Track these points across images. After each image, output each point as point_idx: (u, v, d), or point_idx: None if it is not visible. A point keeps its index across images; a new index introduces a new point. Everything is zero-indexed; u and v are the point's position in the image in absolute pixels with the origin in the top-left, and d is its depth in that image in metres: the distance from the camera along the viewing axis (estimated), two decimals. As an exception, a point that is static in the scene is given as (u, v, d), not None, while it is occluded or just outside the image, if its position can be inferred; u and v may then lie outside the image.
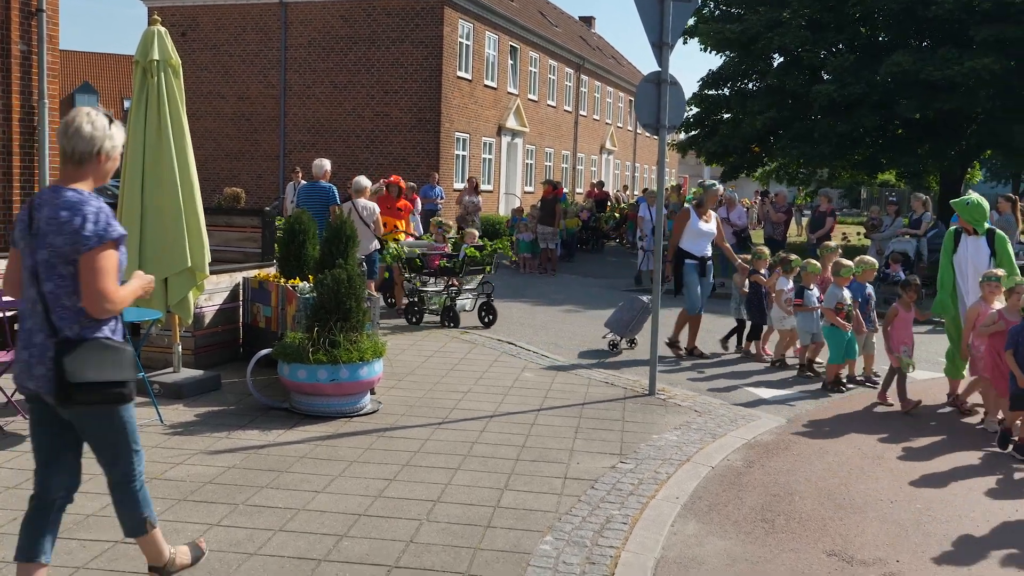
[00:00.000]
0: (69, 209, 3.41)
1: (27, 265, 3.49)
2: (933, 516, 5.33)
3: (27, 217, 3.50)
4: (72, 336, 3.45)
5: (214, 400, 7.17)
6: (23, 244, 3.51)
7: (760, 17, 22.12)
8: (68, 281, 3.44)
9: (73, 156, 3.51)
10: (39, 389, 3.49)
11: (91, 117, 3.54)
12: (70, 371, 3.37)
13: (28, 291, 3.51)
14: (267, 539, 4.50)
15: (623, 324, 10.07)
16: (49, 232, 3.42)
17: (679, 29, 8.03)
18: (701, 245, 9.97)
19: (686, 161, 44.52)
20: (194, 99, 26.37)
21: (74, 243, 3.38)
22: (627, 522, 4.93)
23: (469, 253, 11.35)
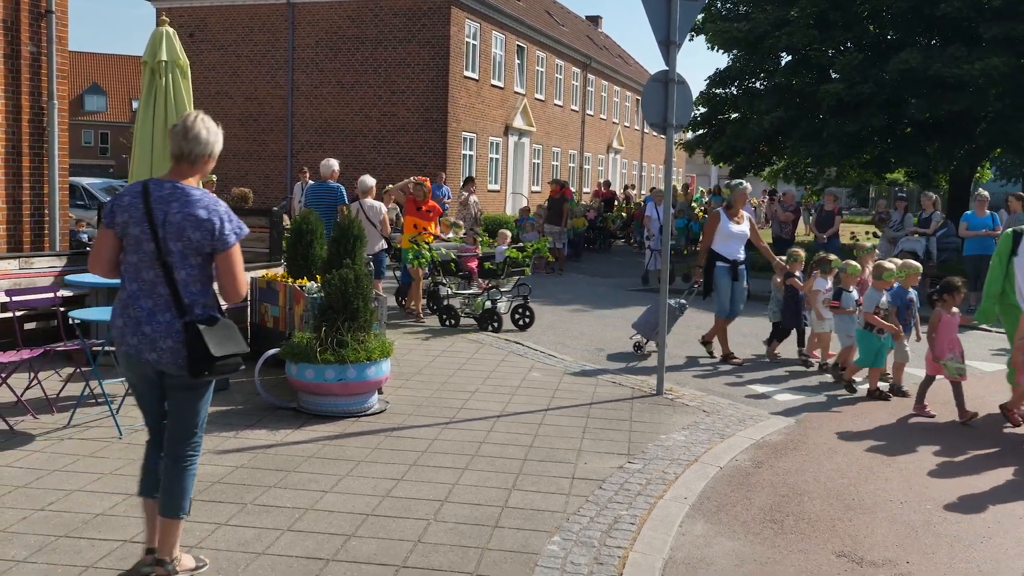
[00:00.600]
0: (206, 209, 3.84)
1: (147, 253, 3.82)
2: (943, 517, 5.31)
3: (143, 206, 3.81)
4: (200, 316, 3.86)
5: (222, 400, 7.17)
6: (137, 231, 3.82)
7: (767, 15, 22.05)
8: (197, 270, 3.87)
9: (189, 157, 3.91)
10: (159, 361, 3.84)
11: (206, 123, 3.97)
12: (212, 345, 3.80)
13: (144, 273, 3.85)
14: (275, 539, 4.51)
15: (651, 326, 9.75)
16: (187, 227, 3.80)
17: (686, 28, 8.01)
18: (733, 247, 9.66)
19: (693, 160, 44.45)
20: (202, 99, 26.47)
21: (212, 240, 3.83)
22: (635, 522, 4.92)
23: (510, 255, 11.16)
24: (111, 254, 3.93)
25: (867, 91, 19.81)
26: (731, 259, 9.63)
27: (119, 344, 3.93)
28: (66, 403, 6.77)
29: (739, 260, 9.70)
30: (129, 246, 3.88)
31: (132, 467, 5.48)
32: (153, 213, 3.81)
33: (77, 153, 57.67)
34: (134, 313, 3.86)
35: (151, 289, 3.85)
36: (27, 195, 10.06)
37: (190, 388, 3.95)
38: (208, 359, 3.81)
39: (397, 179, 21.77)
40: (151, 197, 3.84)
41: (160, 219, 3.81)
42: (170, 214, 3.81)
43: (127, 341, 3.88)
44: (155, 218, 3.81)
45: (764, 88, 24.10)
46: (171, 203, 3.83)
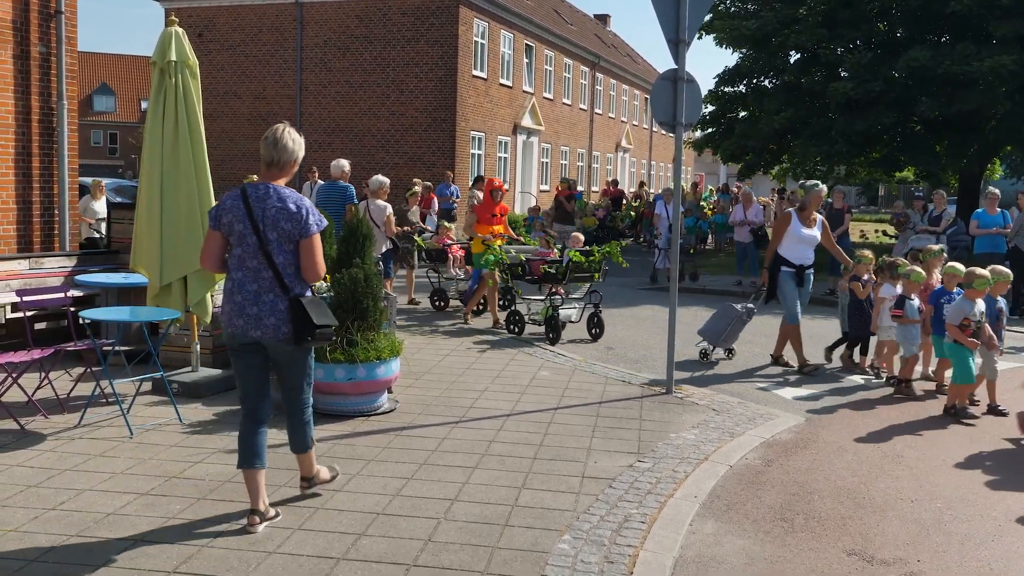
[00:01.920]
0: (295, 203, 4.55)
1: (250, 245, 4.53)
2: (954, 515, 5.29)
3: (243, 206, 4.54)
4: (299, 294, 4.58)
5: (232, 399, 7.19)
6: (240, 228, 4.53)
7: (776, 13, 21.99)
8: (291, 256, 4.58)
9: (278, 163, 4.64)
10: (263, 336, 4.56)
11: (291, 134, 4.67)
12: (313, 316, 4.53)
13: (249, 262, 4.55)
14: (286, 537, 4.52)
15: (716, 333, 9.54)
16: (280, 220, 4.52)
17: (696, 26, 7.99)
18: (801, 252, 9.18)
19: (702, 159, 44.34)
20: (210, 99, 26.54)
21: (300, 229, 4.53)
22: (645, 521, 4.91)
23: (574, 258, 10.36)
24: (219, 251, 4.66)
25: (876, 89, 19.74)
26: (798, 264, 9.16)
27: (226, 326, 4.63)
28: (77, 403, 6.80)
29: (806, 265, 9.22)
30: (234, 241, 4.58)
31: (143, 467, 5.51)
32: (253, 211, 4.53)
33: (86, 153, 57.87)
34: (239, 299, 4.57)
35: (256, 275, 4.55)
36: (37, 195, 10.10)
37: (291, 356, 4.69)
38: (311, 327, 4.53)
39: (406, 179, 21.82)
40: (250, 198, 4.56)
41: (259, 215, 4.52)
42: (267, 210, 4.52)
43: (233, 323, 4.59)
44: (255, 215, 4.52)
45: (773, 86, 24.04)
46: (266, 201, 4.54)
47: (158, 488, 5.16)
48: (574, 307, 10.76)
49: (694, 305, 9.95)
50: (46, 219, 10.24)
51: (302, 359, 4.78)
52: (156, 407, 6.88)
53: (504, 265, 10.79)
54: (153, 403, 6.98)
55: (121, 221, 9.31)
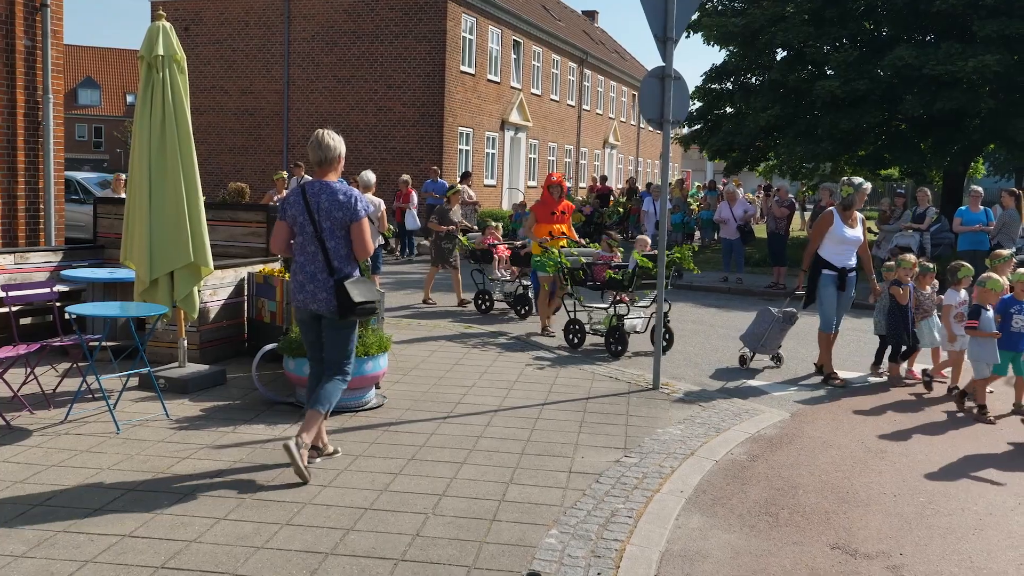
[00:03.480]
0: (344, 194, 5.32)
1: (308, 233, 5.34)
2: (936, 509, 5.35)
3: (302, 200, 5.34)
4: (346, 274, 5.34)
5: (219, 395, 7.19)
6: (302, 218, 5.34)
7: (763, 11, 22.06)
8: (343, 242, 5.35)
9: (326, 160, 5.40)
10: (319, 309, 5.36)
11: (330, 135, 5.44)
12: (353, 295, 5.28)
13: (308, 248, 5.36)
14: (274, 533, 4.53)
15: (756, 337, 9.12)
16: (333, 210, 5.29)
17: (683, 23, 8.02)
18: (844, 254, 8.60)
19: (689, 155, 44.47)
20: (198, 93, 26.43)
21: (350, 215, 5.29)
22: (632, 516, 4.95)
23: (641, 263, 9.55)
24: (286, 238, 5.50)
25: (862, 88, 19.84)
26: (840, 267, 8.59)
27: (292, 299, 5.53)
28: (63, 399, 6.79)
29: (848, 267, 8.63)
30: (297, 230, 5.41)
31: (130, 463, 5.51)
32: (310, 204, 5.32)
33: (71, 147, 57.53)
34: (300, 278, 5.39)
35: (313, 258, 5.35)
36: (22, 190, 10.06)
37: (340, 327, 5.43)
38: (351, 305, 5.27)
39: (395, 173, 21.79)
40: (307, 193, 5.34)
41: (315, 207, 5.31)
42: (321, 203, 5.30)
43: (296, 297, 5.46)
44: (311, 207, 5.31)
45: (759, 84, 24.13)
46: (321, 195, 5.32)
47: (145, 483, 5.16)
48: (640, 316, 10.04)
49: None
50: (31, 213, 10.20)
51: (346, 331, 5.49)
52: (143, 403, 6.87)
53: (564, 270, 10.02)
54: (140, 399, 6.98)
55: (108, 216, 9.29)
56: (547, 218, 10.63)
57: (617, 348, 9.47)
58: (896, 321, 8.70)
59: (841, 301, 8.69)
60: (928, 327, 8.77)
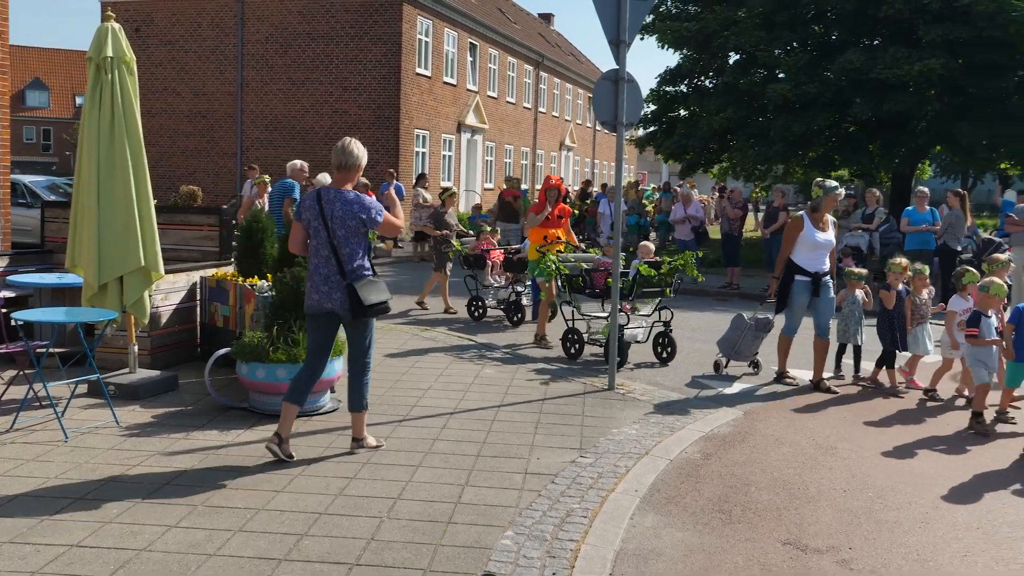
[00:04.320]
0: (358, 204, 5.62)
1: (322, 238, 5.62)
2: (884, 503, 5.46)
3: (317, 206, 5.63)
4: (357, 276, 5.62)
5: (171, 401, 7.10)
6: (316, 224, 5.63)
7: (716, 15, 22.33)
8: (356, 246, 5.65)
9: (346, 166, 5.68)
10: (334, 307, 5.66)
11: (356, 144, 5.74)
12: (363, 296, 5.58)
13: (322, 251, 5.63)
14: (226, 540, 4.49)
15: (729, 343, 8.93)
16: (346, 218, 5.58)
17: (636, 27, 8.10)
18: (816, 259, 8.39)
19: (645, 157, 44.83)
20: (149, 95, 26.03)
21: (366, 223, 5.63)
22: (587, 515, 4.98)
23: (643, 271, 9.19)
24: (303, 239, 5.77)
25: (812, 91, 20.17)
26: (813, 271, 8.36)
27: (307, 299, 5.77)
28: (9, 407, 6.64)
29: (823, 272, 8.40)
30: (311, 233, 5.69)
31: (79, 471, 5.42)
32: (324, 210, 5.60)
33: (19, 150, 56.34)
34: (316, 279, 5.68)
35: (326, 261, 5.64)
36: (-32, 194, 9.84)
37: (356, 325, 5.75)
38: (362, 306, 5.57)
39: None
40: (323, 200, 5.63)
41: (329, 214, 5.59)
42: (335, 211, 5.59)
43: (311, 297, 5.73)
44: (325, 214, 5.59)
45: (713, 87, 24.40)
46: (335, 203, 5.60)
47: (95, 492, 5.08)
48: (641, 326, 9.58)
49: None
50: (-24, 218, 9.97)
51: (364, 329, 5.81)
52: (92, 410, 6.76)
53: (561, 276, 9.55)
54: (89, 406, 6.86)
55: (56, 220, 9.12)
56: (543, 221, 10.40)
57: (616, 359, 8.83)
58: (884, 327, 8.50)
59: (820, 307, 8.42)
60: (923, 334, 8.55)
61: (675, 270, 9.37)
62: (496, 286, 12.11)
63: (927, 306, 8.64)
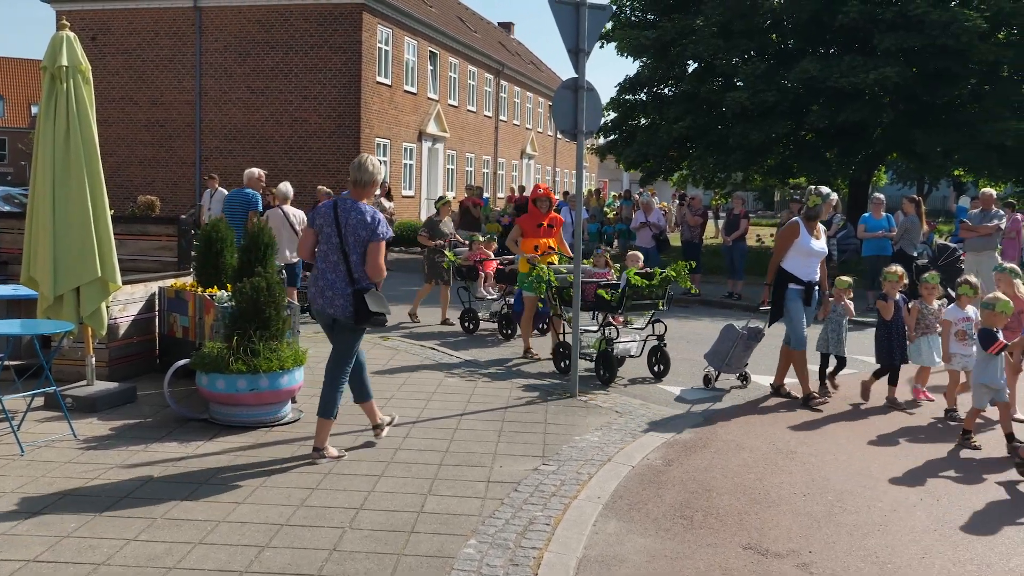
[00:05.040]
0: (370, 216, 5.86)
1: (334, 244, 5.85)
2: (843, 507, 5.53)
3: (333, 214, 5.88)
4: (363, 286, 5.86)
5: (130, 413, 7.01)
6: (329, 230, 5.87)
7: (674, 24, 22.55)
8: (363, 256, 5.86)
9: (361, 182, 6.00)
10: (336, 313, 5.88)
11: (372, 160, 6.05)
12: (370, 305, 5.82)
13: (331, 256, 5.87)
14: (186, 552, 4.43)
15: (720, 356, 8.60)
16: (358, 228, 5.82)
17: (594, 36, 8.17)
18: (810, 267, 8.21)
19: (605, 165, 45.06)
20: (105, 104, 25.73)
21: (370, 236, 5.83)
22: (549, 523, 5.00)
23: (634, 281, 8.72)
24: (312, 245, 6.01)
25: (770, 99, 20.44)
26: (807, 280, 8.19)
27: (312, 303, 6.01)
28: (-37, 420, 6.52)
29: (814, 281, 8.25)
30: (322, 239, 5.93)
31: (35, 485, 5.33)
32: (339, 218, 5.85)
33: (-29, 160, 55.27)
34: (321, 284, 5.91)
35: (334, 267, 5.86)
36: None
37: (351, 330, 5.98)
38: (367, 313, 5.81)
39: (311, 185, 21.51)
40: (339, 209, 5.89)
41: (343, 222, 5.84)
42: (349, 220, 5.84)
43: (316, 301, 5.97)
44: (340, 221, 5.84)
45: (672, 95, 24.63)
46: (350, 212, 5.86)
47: (51, 506, 5.00)
48: (634, 339, 9.22)
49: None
50: (-73, 229, 9.76)
51: (354, 336, 6.03)
52: (49, 423, 6.65)
53: (552, 288, 9.12)
54: (46, 419, 6.75)
55: (11, 231, 8.97)
56: (533, 231, 9.86)
57: (606, 375, 8.70)
58: (882, 339, 8.25)
59: (806, 315, 8.27)
60: (927, 344, 8.29)
61: (667, 280, 8.95)
62: (489, 298, 11.76)
63: (935, 316, 8.27)
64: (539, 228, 9.93)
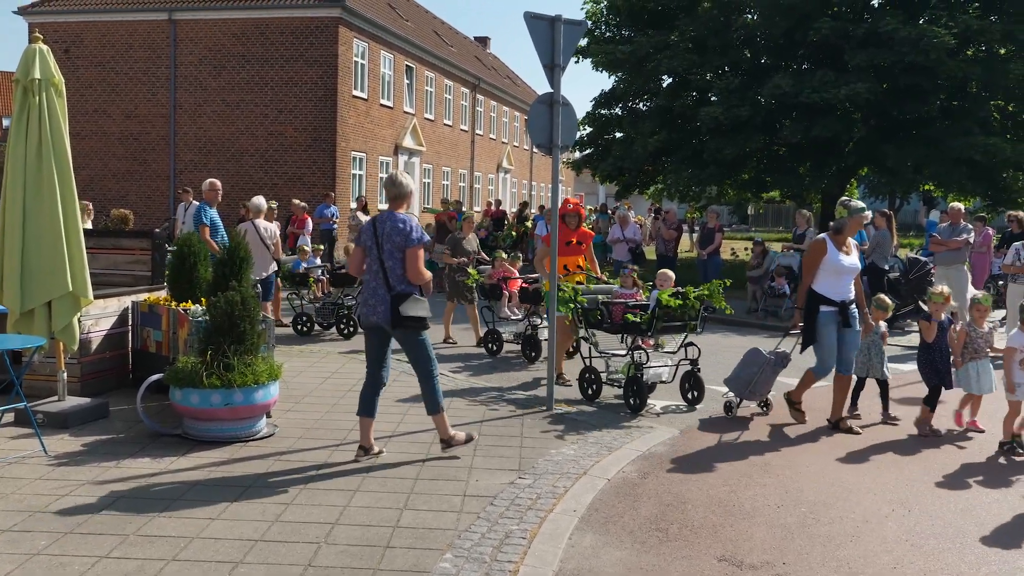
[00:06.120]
0: (404, 223, 6.20)
1: (374, 255, 6.22)
2: (817, 518, 5.58)
3: (372, 228, 6.28)
4: (400, 291, 6.15)
5: (102, 429, 6.94)
6: (370, 243, 6.25)
7: (649, 39, 22.74)
8: (399, 263, 6.18)
9: (397, 196, 6.35)
10: (379, 320, 6.20)
11: (403, 175, 6.44)
12: (403, 310, 6.09)
13: (374, 266, 6.24)
14: (159, 569, 4.40)
15: (743, 383, 8.07)
16: (393, 235, 6.17)
17: (570, 51, 8.23)
18: (842, 286, 7.64)
19: (582, 179, 45.26)
20: (79, 117, 25.53)
21: (405, 242, 6.15)
22: (525, 537, 5.00)
23: (666, 302, 8.13)
24: (360, 261, 6.39)
25: (744, 114, 20.63)
26: (839, 300, 7.62)
27: (359, 312, 6.84)
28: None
29: (849, 300, 7.66)
30: (368, 252, 6.30)
31: (5, 502, 5.28)
32: (377, 230, 6.24)
33: (-59, 173, 54.60)
34: (367, 293, 6.32)
35: (376, 276, 6.24)
36: None
37: (408, 337, 6.29)
38: (401, 318, 6.10)
39: (287, 199, 21.41)
40: (377, 222, 6.30)
41: (380, 233, 6.22)
42: (385, 229, 6.21)
43: (362, 310, 6.45)
44: (378, 233, 6.23)
45: (647, 109, 24.81)
46: (386, 223, 6.24)
47: (21, 524, 4.94)
48: (666, 364, 8.65)
49: None
50: None
51: (416, 339, 6.30)
52: (19, 439, 6.58)
53: (580, 309, 8.63)
54: (16, 435, 6.67)
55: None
56: (560, 249, 9.11)
57: (635, 402, 8.12)
58: (925, 361, 7.75)
59: (848, 339, 7.71)
60: (977, 370, 7.69)
61: (701, 300, 8.29)
62: (513, 318, 11.34)
63: (985, 340, 7.75)
64: (567, 246, 9.46)
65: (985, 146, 19.35)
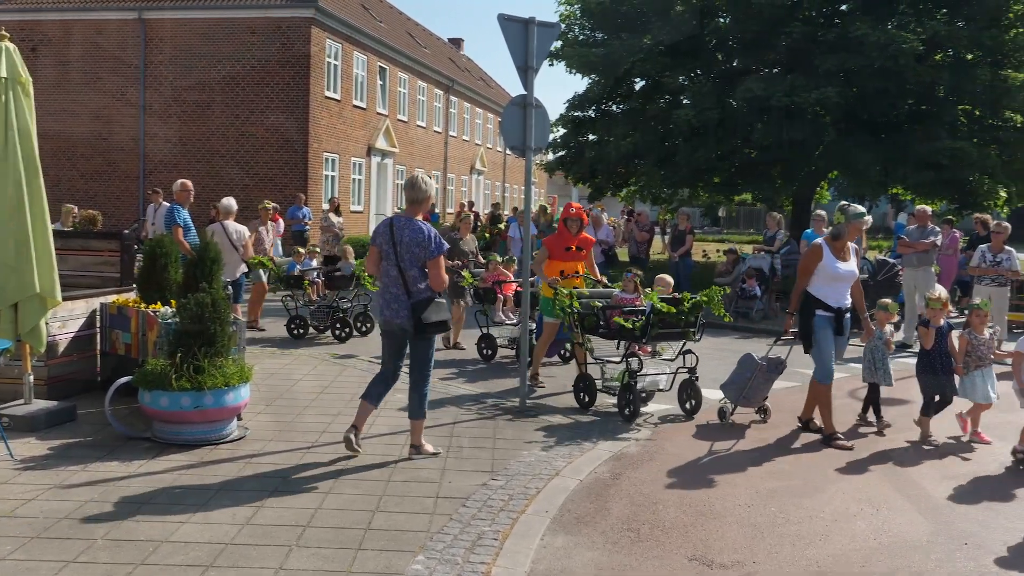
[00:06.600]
0: (424, 233, 6.27)
1: (392, 260, 6.29)
2: (787, 518, 5.63)
3: (389, 232, 6.31)
4: (420, 297, 6.27)
5: (69, 432, 6.87)
6: (387, 247, 6.31)
7: (622, 42, 22.81)
8: (419, 271, 6.29)
9: (416, 200, 6.42)
10: (402, 324, 6.31)
11: (424, 179, 6.47)
12: (423, 316, 6.25)
13: (391, 272, 6.32)
14: (127, 574, 4.35)
15: (738, 388, 7.96)
16: (413, 244, 6.24)
17: (543, 53, 8.25)
18: (839, 292, 7.51)
19: (555, 180, 45.33)
20: (45, 117, 25.18)
21: (426, 253, 6.26)
22: (497, 538, 5.00)
23: (661, 307, 7.94)
24: (377, 261, 6.44)
25: (715, 117, 20.75)
26: (836, 306, 7.48)
27: (379, 315, 6.50)
28: None
29: (845, 307, 7.53)
30: (384, 255, 6.37)
31: (-30, 506, 5.20)
32: (395, 236, 6.29)
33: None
34: (387, 297, 6.38)
35: (394, 281, 6.32)
36: None
37: (420, 340, 6.43)
38: (422, 324, 6.24)
39: (258, 200, 21.28)
40: (394, 226, 6.32)
41: (399, 239, 6.27)
42: (404, 236, 6.27)
43: (383, 313, 6.43)
44: (396, 238, 6.28)
45: (620, 112, 24.89)
46: (405, 230, 6.29)
47: (-13, 528, 4.88)
48: (663, 372, 8.45)
49: None
50: None
51: (426, 344, 6.47)
52: (-16, 443, 6.48)
53: (575, 314, 8.44)
54: (-19, 438, 6.58)
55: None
56: (560, 254, 9.13)
57: (628, 410, 7.90)
58: (924, 368, 7.65)
59: (837, 345, 7.63)
60: (982, 379, 7.52)
61: (699, 307, 8.11)
62: (508, 323, 11.08)
63: (987, 347, 7.57)
64: (567, 251, 9.24)
65: (952, 150, 19.58)
